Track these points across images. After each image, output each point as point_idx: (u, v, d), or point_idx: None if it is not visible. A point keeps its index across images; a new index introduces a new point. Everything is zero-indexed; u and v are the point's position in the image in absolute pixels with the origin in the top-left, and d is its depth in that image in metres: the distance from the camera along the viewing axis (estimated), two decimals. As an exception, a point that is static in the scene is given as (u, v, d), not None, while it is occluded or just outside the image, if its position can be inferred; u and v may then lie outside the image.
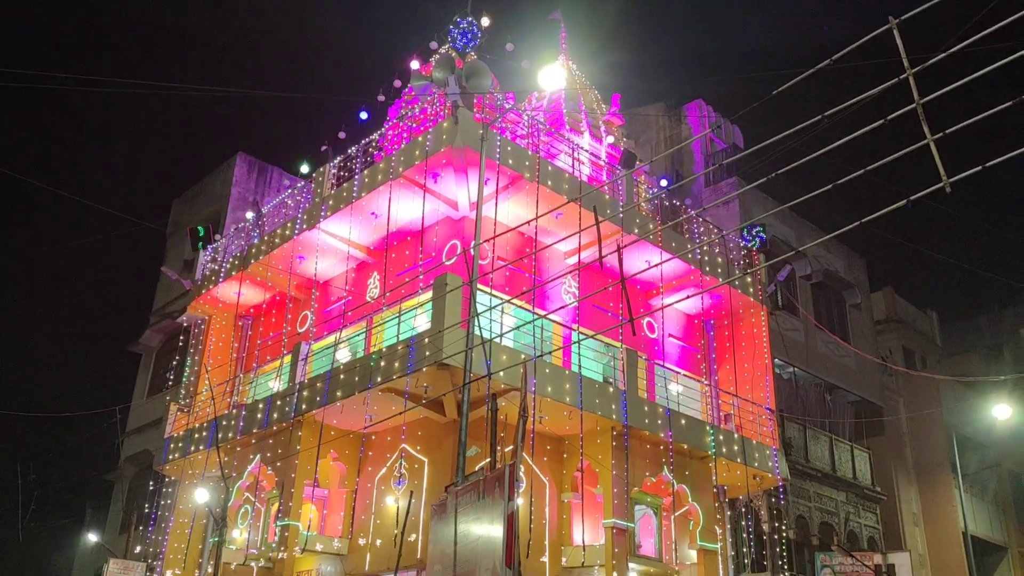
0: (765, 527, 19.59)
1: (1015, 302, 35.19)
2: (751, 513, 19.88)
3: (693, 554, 17.75)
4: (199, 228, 22.41)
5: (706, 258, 19.34)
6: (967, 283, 63.47)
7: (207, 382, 18.99)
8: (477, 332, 13.07)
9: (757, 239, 20.73)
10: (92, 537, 25.96)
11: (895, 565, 16.47)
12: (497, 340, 14.61)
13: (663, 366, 18.82)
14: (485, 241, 14.68)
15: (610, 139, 20.47)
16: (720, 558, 18.22)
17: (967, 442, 26.70)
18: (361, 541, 16.37)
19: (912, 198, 6.11)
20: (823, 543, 20.07)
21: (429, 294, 15.41)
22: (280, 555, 16.12)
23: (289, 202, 20.06)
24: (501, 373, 14.16)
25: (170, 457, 19.66)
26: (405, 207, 16.84)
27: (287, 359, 18.10)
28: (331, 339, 17.59)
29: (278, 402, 17.14)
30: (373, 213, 17.31)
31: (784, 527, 19.66)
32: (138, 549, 19.68)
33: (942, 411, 25.79)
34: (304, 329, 18.97)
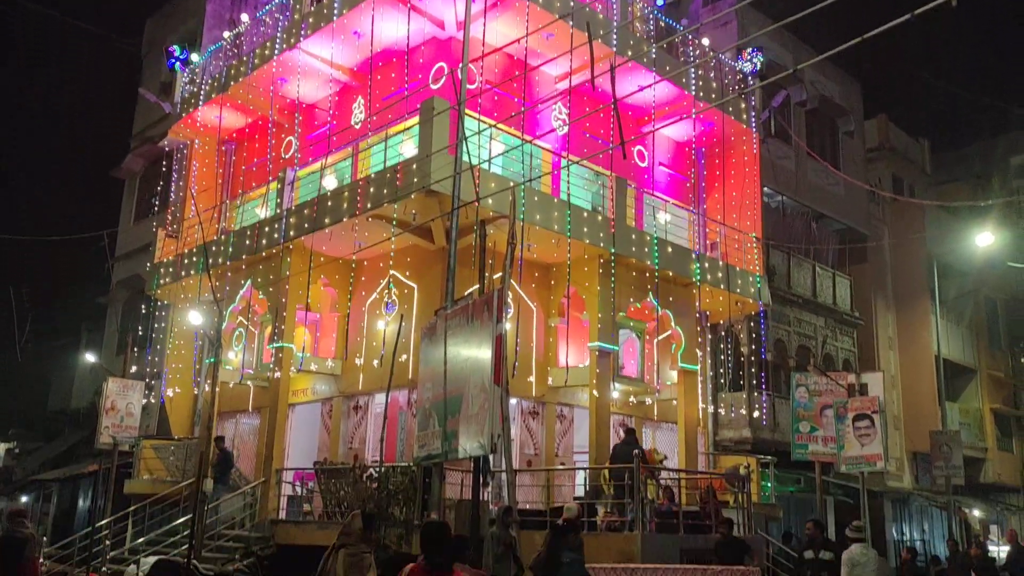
0: (744, 350, 20.24)
1: (1008, 130, 34.84)
2: (731, 337, 20.48)
3: (674, 375, 18.43)
4: (176, 48, 21.56)
5: (700, 83, 18.85)
6: (962, 110, 62.35)
7: (193, 208, 18.88)
8: (465, 158, 12.88)
9: (753, 63, 20.13)
10: (90, 358, 26.65)
11: (867, 384, 17.11)
12: (485, 166, 14.44)
13: (652, 194, 18.77)
14: (473, 62, 14.19)
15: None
16: (699, 379, 18.96)
17: (947, 270, 27.23)
18: (358, 361, 16.86)
19: (916, 12, 5.87)
20: (799, 365, 20.82)
21: (416, 119, 15.06)
22: (275, 374, 16.66)
23: (267, 20, 19.18)
24: (489, 200, 14.09)
25: (161, 282, 19.87)
26: (389, 26, 16.13)
27: (273, 185, 17.93)
28: (317, 165, 17.36)
29: (266, 228, 17.14)
30: (356, 32, 16.60)
31: (763, 350, 20.32)
32: (134, 369, 20.24)
33: (925, 238, 26.10)
34: (289, 155, 18.67)
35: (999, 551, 20.43)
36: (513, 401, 15.56)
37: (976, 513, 26.06)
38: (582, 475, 16.40)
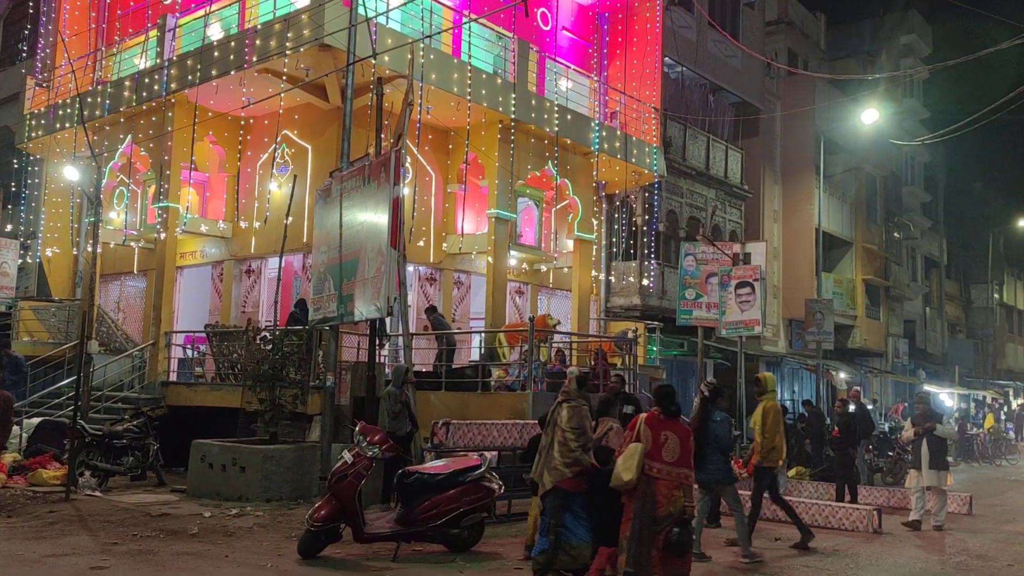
0: (638, 220, 20.66)
1: (899, 6, 35.50)
2: (626, 207, 20.84)
3: (570, 243, 18.74)
4: None
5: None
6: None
7: (65, 55, 17.48)
8: (361, 11, 12.27)
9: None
10: (-44, 215, 24.97)
11: (751, 253, 17.88)
12: (382, 20, 13.83)
13: (554, 59, 18.47)
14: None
15: None
16: (594, 247, 19.34)
17: (834, 146, 28.22)
18: (244, 224, 16.41)
19: None
20: (689, 235, 21.45)
21: (308, -34, 14.16)
22: (161, 236, 16.06)
23: None
24: (386, 57, 13.58)
25: (33, 135, 18.57)
26: None
27: (152, 33, 16.74)
28: (200, 13, 16.23)
29: (146, 80, 16.09)
30: None
31: (655, 221, 20.80)
32: (9, 228, 19.17)
33: (814, 114, 26.82)
34: (169, 0, 17.36)
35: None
36: (410, 267, 15.54)
37: (842, 375, 28.09)
38: (478, 339, 16.75)
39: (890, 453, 17.37)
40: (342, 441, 11.19)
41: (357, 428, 8.58)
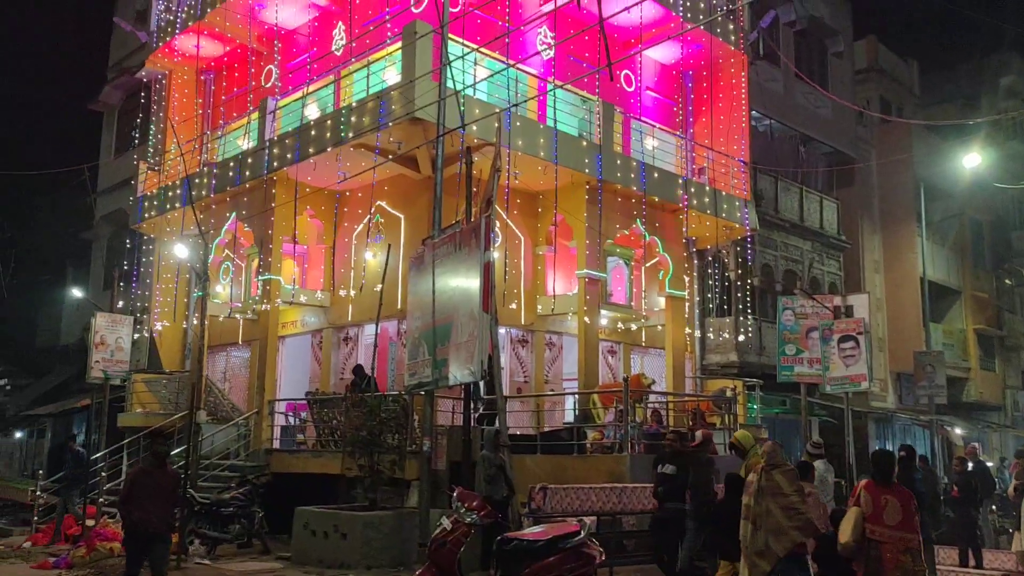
0: (731, 275, 20.31)
1: (998, 50, 34.44)
2: (718, 262, 20.53)
3: (662, 301, 18.54)
4: (149, -27, 20.94)
5: (688, 3, 18.48)
6: (953, 29, 61.23)
7: (174, 140, 18.57)
8: (449, 84, 12.66)
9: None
10: (76, 293, 26.51)
11: (853, 306, 17.27)
12: (470, 92, 14.22)
13: (639, 119, 18.57)
14: (455, -15, 13.83)
15: None
16: (687, 304, 19.08)
17: (934, 191, 27.23)
18: (342, 293, 16.87)
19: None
20: (786, 289, 20.93)
21: (398, 45, 14.75)
22: (264, 307, 16.65)
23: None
24: (474, 127, 13.91)
25: (145, 216, 19.68)
26: (369, -52, 15.67)
27: (254, 116, 17.62)
28: (298, 94, 17.04)
29: (249, 159, 16.91)
30: (334, -45, 16.13)
31: (750, 275, 20.40)
32: (122, 304, 20.20)
33: (912, 160, 26.04)
34: (269, 84, 18.31)
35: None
36: (502, 330, 15.63)
37: (958, 431, 26.60)
38: (571, 400, 16.62)
39: (1015, 513, 16.27)
40: (440, 507, 11.18)
41: (455, 494, 8.57)
